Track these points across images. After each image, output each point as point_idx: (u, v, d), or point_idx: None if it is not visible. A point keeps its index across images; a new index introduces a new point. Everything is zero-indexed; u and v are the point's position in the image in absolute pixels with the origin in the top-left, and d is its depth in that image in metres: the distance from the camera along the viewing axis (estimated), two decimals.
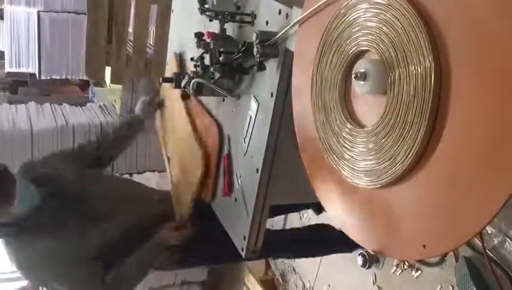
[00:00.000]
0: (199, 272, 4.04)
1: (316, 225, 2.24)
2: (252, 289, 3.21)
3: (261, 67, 1.23)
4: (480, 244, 1.64)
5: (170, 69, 1.96)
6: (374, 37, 0.86)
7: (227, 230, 1.55)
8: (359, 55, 0.91)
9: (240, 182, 1.44)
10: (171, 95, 1.93)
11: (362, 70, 0.86)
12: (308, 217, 2.82)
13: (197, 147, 1.68)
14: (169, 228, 1.75)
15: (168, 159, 2.05)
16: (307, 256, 2.47)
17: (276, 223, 3.08)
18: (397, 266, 2.19)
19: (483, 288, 1.66)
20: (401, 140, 0.81)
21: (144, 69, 3.08)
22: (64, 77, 4.00)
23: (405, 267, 2.15)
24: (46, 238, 1.59)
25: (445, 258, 1.92)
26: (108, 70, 3.06)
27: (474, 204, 0.69)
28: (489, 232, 1.71)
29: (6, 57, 3.89)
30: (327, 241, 2.07)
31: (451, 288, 1.90)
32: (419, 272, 2.07)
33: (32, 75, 4.19)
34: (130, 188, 1.98)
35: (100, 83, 3.83)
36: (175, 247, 1.77)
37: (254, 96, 1.33)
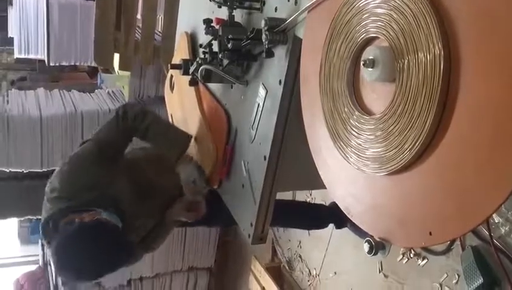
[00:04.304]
0: (207, 259, 4.08)
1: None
2: (259, 276, 3.23)
3: (270, 54, 1.23)
4: (487, 233, 1.64)
5: (180, 49, 1.95)
6: (383, 24, 0.86)
7: (234, 216, 1.56)
8: (368, 42, 0.91)
9: (247, 169, 1.45)
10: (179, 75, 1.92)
11: (371, 57, 0.86)
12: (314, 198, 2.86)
13: (209, 136, 1.67)
14: (183, 207, 1.77)
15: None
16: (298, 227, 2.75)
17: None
18: (403, 254, 2.19)
19: (490, 277, 1.66)
20: (409, 127, 0.81)
21: (152, 55, 3.08)
22: (72, 64, 4.02)
23: (411, 255, 2.15)
24: None
25: (452, 247, 1.92)
26: (116, 56, 3.06)
27: (482, 191, 0.69)
28: (496, 221, 1.71)
29: (16, 43, 3.90)
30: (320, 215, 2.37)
31: (457, 277, 1.90)
32: (426, 260, 2.07)
33: (41, 61, 4.21)
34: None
35: (108, 69, 3.84)
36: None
37: (262, 83, 1.33)
